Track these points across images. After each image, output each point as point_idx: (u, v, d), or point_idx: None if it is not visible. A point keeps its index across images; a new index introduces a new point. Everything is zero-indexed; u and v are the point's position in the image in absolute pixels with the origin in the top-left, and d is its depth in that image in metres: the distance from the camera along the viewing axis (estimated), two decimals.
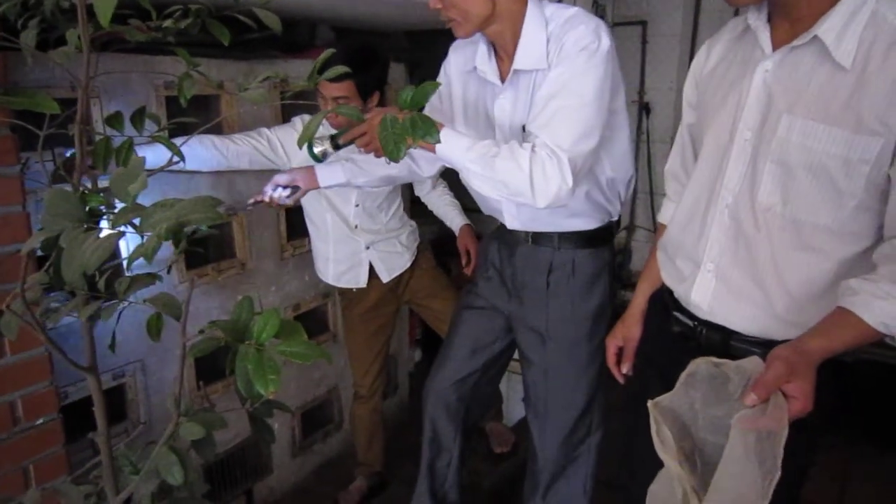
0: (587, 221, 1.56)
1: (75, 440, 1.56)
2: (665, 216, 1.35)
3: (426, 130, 0.78)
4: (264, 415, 0.91)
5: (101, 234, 0.65)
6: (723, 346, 1.12)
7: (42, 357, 1.38)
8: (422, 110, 0.82)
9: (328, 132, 1.97)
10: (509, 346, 1.76)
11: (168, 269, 0.85)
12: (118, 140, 0.83)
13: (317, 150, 1.53)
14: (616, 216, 1.64)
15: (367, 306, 2.21)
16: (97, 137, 0.83)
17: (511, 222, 1.60)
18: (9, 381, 1.34)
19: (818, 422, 0.91)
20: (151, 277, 0.79)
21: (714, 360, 0.95)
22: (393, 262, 2.18)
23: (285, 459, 2.43)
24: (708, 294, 1.13)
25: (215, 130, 1.93)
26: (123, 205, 0.68)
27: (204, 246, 2.05)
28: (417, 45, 2.78)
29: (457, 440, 1.81)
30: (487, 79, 1.48)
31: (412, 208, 2.43)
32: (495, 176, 1.30)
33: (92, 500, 0.88)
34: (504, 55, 1.45)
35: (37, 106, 0.77)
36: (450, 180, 2.13)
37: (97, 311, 0.77)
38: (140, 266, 0.66)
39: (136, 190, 0.68)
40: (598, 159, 1.47)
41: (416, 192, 2.35)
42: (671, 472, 0.92)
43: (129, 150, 0.81)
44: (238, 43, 1.87)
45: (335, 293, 2.48)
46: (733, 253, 1.09)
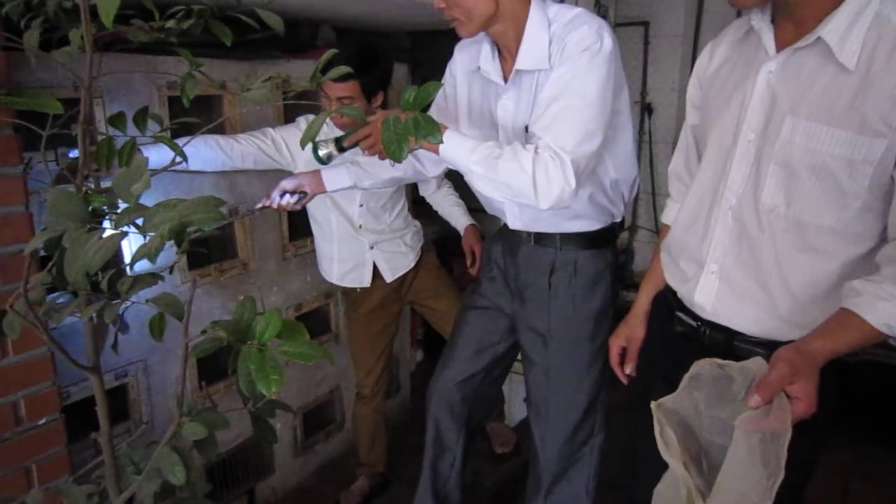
0: (590, 223, 1.56)
1: (77, 440, 1.55)
2: (668, 217, 1.35)
3: (429, 130, 0.78)
4: (266, 415, 0.91)
5: (104, 235, 0.66)
6: (726, 346, 1.12)
7: (45, 357, 1.39)
8: (426, 110, 0.82)
9: (333, 134, 1.99)
10: (513, 347, 1.76)
11: (170, 269, 0.85)
12: (121, 140, 0.83)
13: (321, 152, 1.53)
14: (619, 217, 1.64)
15: (371, 306, 2.21)
16: (100, 137, 0.83)
17: (513, 222, 1.60)
18: (11, 380, 1.34)
19: (822, 423, 0.90)
20: (154, 277, 0.79)
21: (718, 361, 0.95)
22: (397, 262, 2.18)
23: (287, 459, 2.43)
24: (711, 295, 1.13)
25: (217, 131, 1.93)
26: (126, 205, 0.68)
27: (206, 246, 2.05)
28: (419, 45, 2.78)
29: (460, 440, 1.81)
30: (491, 79, 1.48)
31: (413, 208, 2.42)
32: (498, 178, 1.30)
33: (94, 500, 0.88)
34: (507, 55, 1.45)
35: (40, 106, 0.77)
36: (454, 180, 2.13)
37: (103, 310, 0.77)
38: (142, 266, 0.66)
39: (139, 190, 0.68)
40: (602, 161, 1.46)
41: (421, 193, 2.34)
42: (675, 474, 0.92)
43: (132, 151, 0.81)
44: (240, 43, 1.87)
45: (337, 293, 2.48)
46: (737, 254, 1.09)
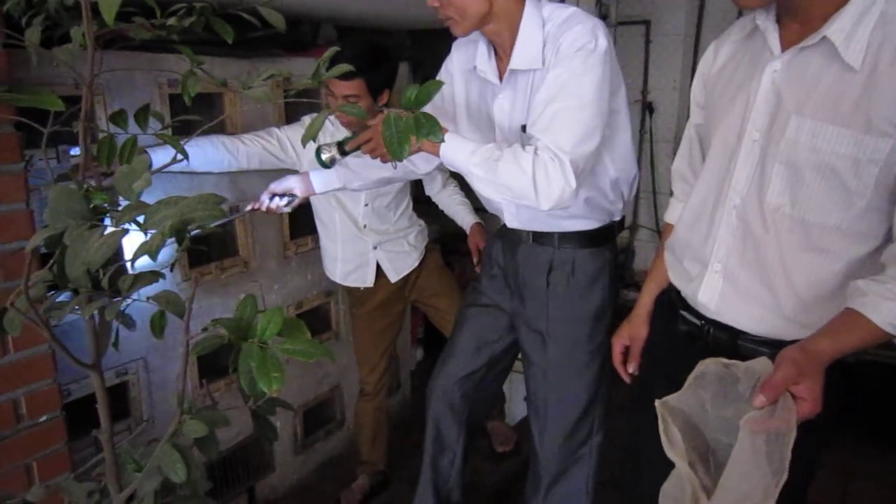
0: (588, 222, 1.56)
1: (78, 437, 1.56)
2: (672, 216, 1.35)
3: (430, 129, 0.77)
4: (267, 412, 0.91)
5: (105, 232, 0.65)
6: (730, 345, 1.11)
7: (45, 354, 1.38)
8: None
9: (338, 132, 1.98)
10: (513, 345, 1.76)
11: (171, 266, 0.85)
12: (122, 138, 0.83)
13: (324, 156, 1.53)
14: (619, 216, 1.63)
15: (375, 304, 2.21)
16: (101, 135, 0.83)
17: (511, 221, 1.60)
18: (12, 378, 1.34)
19: (826, 423, 0.90)
20: (155, 275, 0.78)
21: (724, 360, 0.95)
22: (401, 261, 2.17)
23: (287, 457, 2.43)
24: (715, 294, 1.12)
25: (218, 128, 1.93)
26: (127, 202, 0.68)
27: (207, 244, 2.05)
28: (420, 44, 2.78)
29: (460, 439, 1.81)
30: (487, 78, 1.48)
31: (414, 207, 2.42)
32: (498, 180, 1.30)
33: (95, 498, 0.88)
34: (503, 54, 1.45)
35: (41, 103, 0.77)
36: (458, 178, 2.12)
37: (104, 308, 0.77)
38: (143, 264, 0.66)
39: (140, 187, 0.68)
40: (601, 159, 1.46)
41: (427, 192, 2.33)
42: (680, 472, 0.91)
43: (133, 148, 0.81)
44: (242, 41, 1.87)
45: (338, 291, 2.48)
46: (741, 254, 1.09)
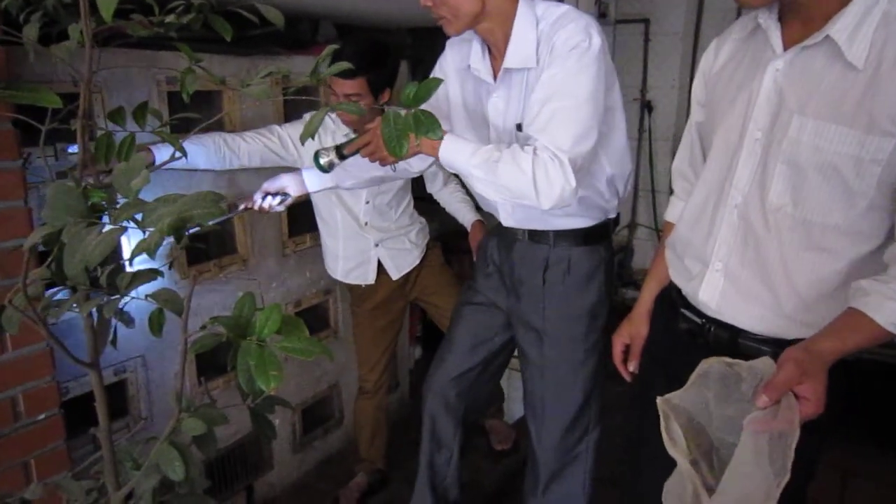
0: (583, 220, 1.56)
1: (76, 435, 1.55)
2: (672, 214, 1.34)
3: (429, 126, 0.77)
4: (265, 411, 0.90)
5: (104, 230, 0.65)
6: (731, 344, 1.11)
7: (44, 352, 1.38)
8: None
9: (338, 130, 1.98)
10: (509, 342, 1.76)
11: (170, 264, 0.85)
12: (120, 135, 0.82)
13: (322, 160, 1.53)
14: (614, 213, 1.63)
15: (376, 302, 2.21)
16: (99, 132, 0.82)
17: (506, 220, 1.60)
18: (10, 376, 1.34)
19: (828, 422, 0.90)
20: (153, 273, 0.78)
21: (727, 359, 0.94)
22: (402, 259, 2.17)
23: (286, 456, 2.43)
24: (716, 293, 1.12)
25: (217, 126, 1.92)
26: (126, 200, 0.67)
27: (205, 242, 2.05)
28: (420, 42, 2.78)
29: (456, 436, 1.81)
30: (481, 77, 1.48)
31: (414, 205, 2.42)
32: (498, 181, 1.30)
33: (93, 496, 0.88)
34: (497, 53, 1.45)
35: (39, 100, 0.77)
36: (458, 177, 2.12)
37: (102, 306, 0.76)
38: (141, 261, 0.66)
39: (139, 185, 0.67)
40: (597, 158, 1.46)
41: (428, 190, 2.32)
42: (681, 469, 0.91)
43: (132, 146, 0.81)
44: (240, 39, 1.86)
45: (336, 289, 2.48)
46: (742, 253, 1.09)
